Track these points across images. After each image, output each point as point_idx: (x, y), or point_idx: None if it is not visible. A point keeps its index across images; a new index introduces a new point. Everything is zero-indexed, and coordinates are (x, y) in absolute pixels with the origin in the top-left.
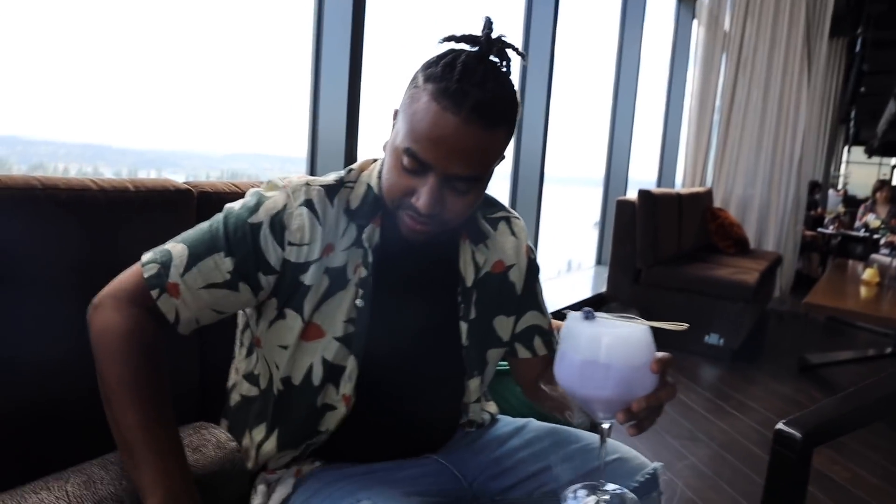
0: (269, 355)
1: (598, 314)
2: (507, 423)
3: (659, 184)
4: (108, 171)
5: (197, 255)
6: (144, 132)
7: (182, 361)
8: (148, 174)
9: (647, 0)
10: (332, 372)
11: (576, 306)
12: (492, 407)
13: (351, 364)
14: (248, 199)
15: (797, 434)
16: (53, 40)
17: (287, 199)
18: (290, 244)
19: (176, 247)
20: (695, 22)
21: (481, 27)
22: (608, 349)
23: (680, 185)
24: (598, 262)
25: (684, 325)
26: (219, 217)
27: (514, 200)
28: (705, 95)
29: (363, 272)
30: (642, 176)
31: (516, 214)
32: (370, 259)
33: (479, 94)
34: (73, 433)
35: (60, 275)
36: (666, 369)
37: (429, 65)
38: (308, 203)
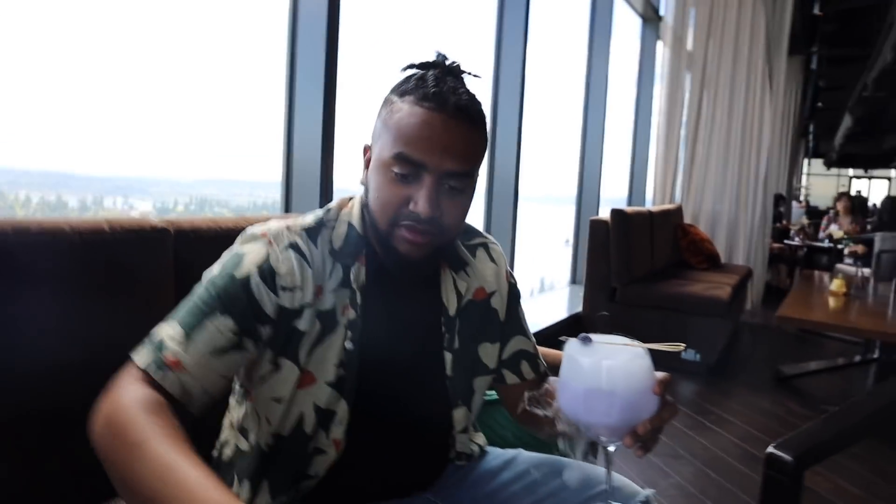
0: (261, 409)
1: (594, 337)
2: (497, 455)
3: (630, 201)
4: (73, 199)
5: (192, 325)
6: (110, 158)
7: None
8: (114, 201)
9: (614, 21)
10: (324, 418)
11: (555, 327)
12: (480, 438)
13: (342, 409)
14: (228, 258)
15: (788, 457)
16: (11, 63)
17: (269, 247)
18: (283, 289)
19: (164, 328)
20: (659, 42)
21: (435, 57)
22: (610, 377)
23: (650, 201)
24: (573, 280)
25: (682, 346)
26: (202, 285)
27: (489, 221)
28: (672, 113)
29: (352, 314)
30: (613, 193)
31: (493, 240)
32: (359, 300)
33: (456, 97)
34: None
35: (38, 319)
36: (666, 389)
37: (399, 85)
38: (293, 246)
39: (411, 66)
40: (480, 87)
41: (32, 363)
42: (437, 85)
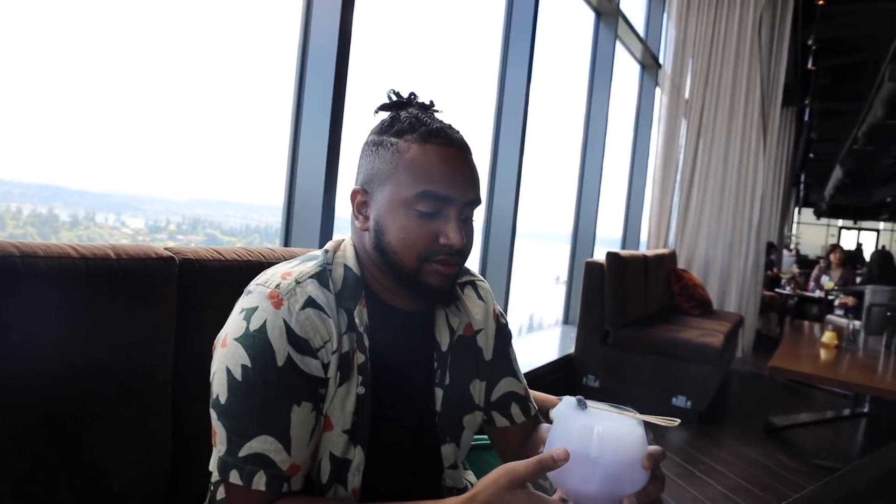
0: None
1: (590, 403)
2: None
3: (624, 244)
4: (65, 213)
5: (282, 428)
6: (104, 174)
7: (151, 440)
8: (106, 217)
9: (614, 66)
10: (340, 468)
11: (546, 368)
12: (470, 476)
13: (358, 456)
14: (252, 343)
15: None
16: (10, 75)
17: (286, 313)
18: (318, 349)
19: (253, 444)
20: (657, 89)
21: (396, 96)
22: (600, 442)
23: (645, 243)
24: (566, 321)
25: (676, 421)
26: (252, 383)
27: (486, 258)
28: (668, 158)
29: (360, 357)
30: (608, 232)
31: (480, 277)
32: (366, 343)
33: (454, 132)
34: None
35: (40, 345)
36: (657, 464)
37: (388, 126)
38: (309, 302)
39: (385, 108)
40: (482, 125)
41: (37, 385)
42: (431, 122)
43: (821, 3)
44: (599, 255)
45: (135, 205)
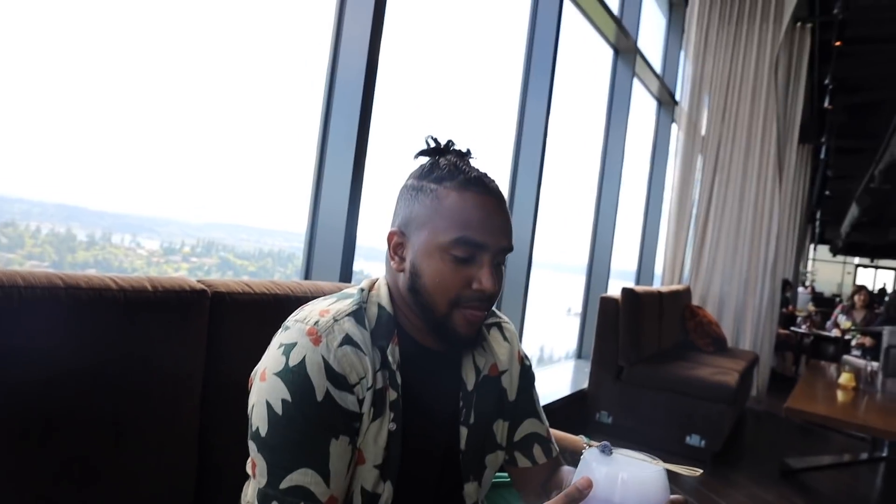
0: None
1: (615, 450)
2: None
3: (638, 278)
4: (82, 233)
5: (321, 461)
6: (122, 195)
7: (176, 468)
8: (122, 238)
9: (631, 102)
10: (370, 502)
11: (559, 402)
12: None
13: (387, 491)
14: (292, 378)
15: None
16: (31, 96)
17: (325, 350)
18: (354, 385)
19: (294, 476)
20: (674, 125)
21: (434, 142)
22: (624, 489)
23: (659, 277)
24: (579, 355)
25: (699, 471)
26: (292, 417)
27: (501, 289)
28: (684, 193)
29: (393, 394)
30: (623, 265)
31: (507, 319)
32: (398, 380)
33: (489, 181)
34: None
35: (81, 373)
36: None
37: (427, 172)
38: (347, 339)
39: (424, 153)
40: (502, 157)
41: (75, 411)
42: (468, 171)
43: (838, 43)
44: (614, 289)
45: (150, 226)
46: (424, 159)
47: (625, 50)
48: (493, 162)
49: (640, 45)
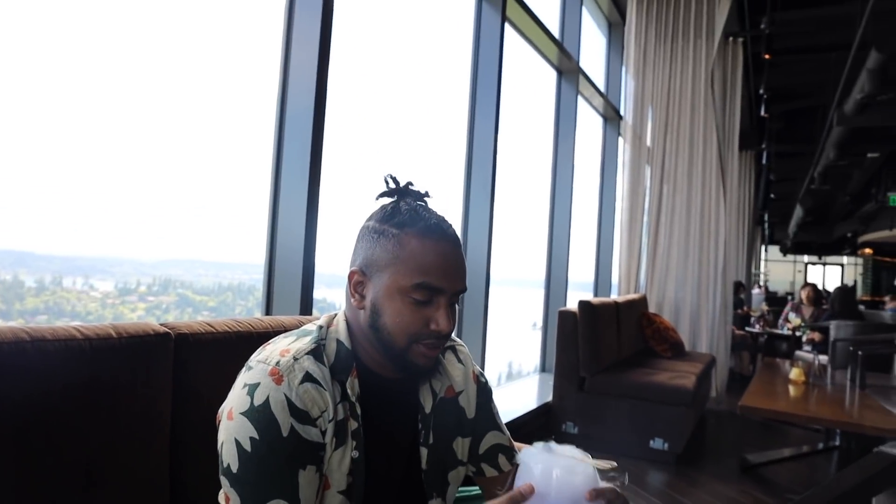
0: None
1: (553, 447)
2: None
3: (596, 288)
4: (30, 279)
5: (292, 492)
6: (70, 236)
7: (149, 498)
8: (74, 282)
9: (577, 119)
10: None
11: (526, 416)
12: None
13: None
14: (257, 417)
15: None
16: None
17: (286, 388)
18: (316, 419)
19: None
20: (620, 139)
21: (394, 183)
22: (556, 482)
23: (616, 287)
24: (543, 369)
25: (613, 464)
26: (261, 453)
27: (462, 307)
28: (634, 204)
29: (354, 424)
30: (580, 276)
31: (460, 342)
32: (358, 410)
33: (447, 226)
34: None
35: (50, 422)
36: (601, 499)
37: (389, 216)
38: (307, 377)
39: (385, 195)
40: (454, 179)
41: (45, 460)
42: (428, 216)
43: (767, 56)
44: (573, 302)
45: (103, 267)
46: (385, 200)
47: (568, 71)
48: (447, 184)
49: (582, 64)
